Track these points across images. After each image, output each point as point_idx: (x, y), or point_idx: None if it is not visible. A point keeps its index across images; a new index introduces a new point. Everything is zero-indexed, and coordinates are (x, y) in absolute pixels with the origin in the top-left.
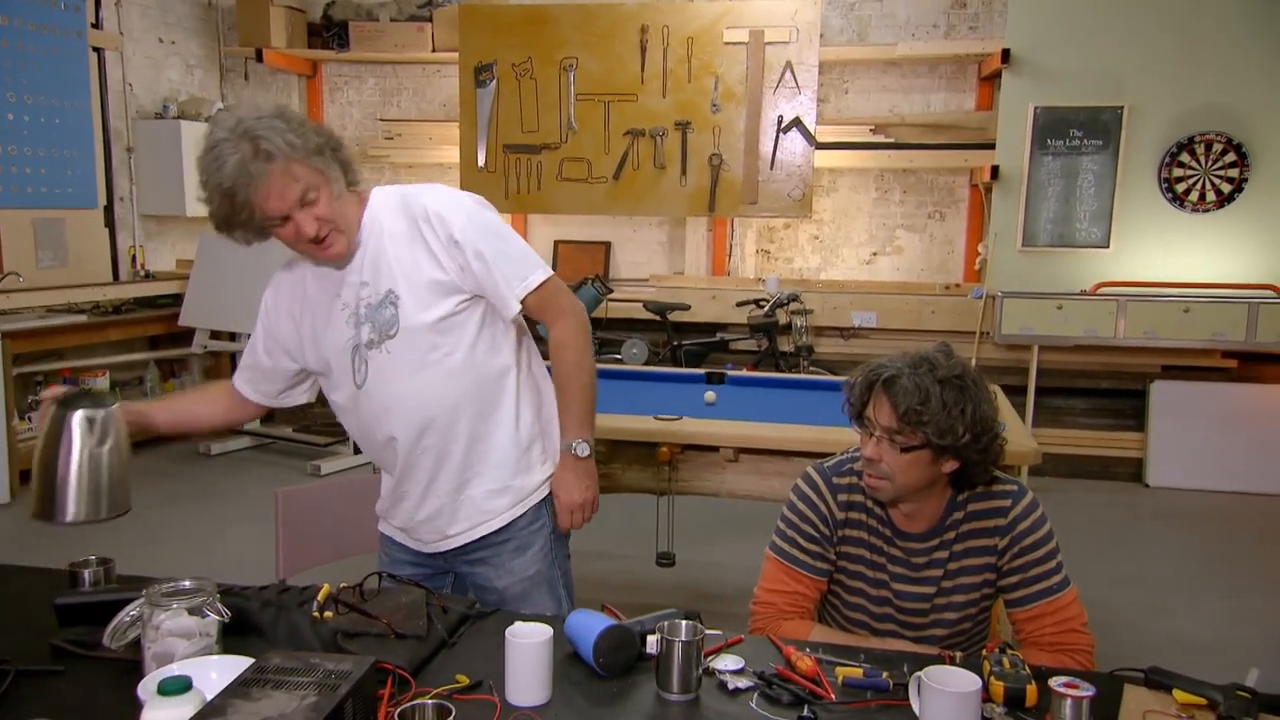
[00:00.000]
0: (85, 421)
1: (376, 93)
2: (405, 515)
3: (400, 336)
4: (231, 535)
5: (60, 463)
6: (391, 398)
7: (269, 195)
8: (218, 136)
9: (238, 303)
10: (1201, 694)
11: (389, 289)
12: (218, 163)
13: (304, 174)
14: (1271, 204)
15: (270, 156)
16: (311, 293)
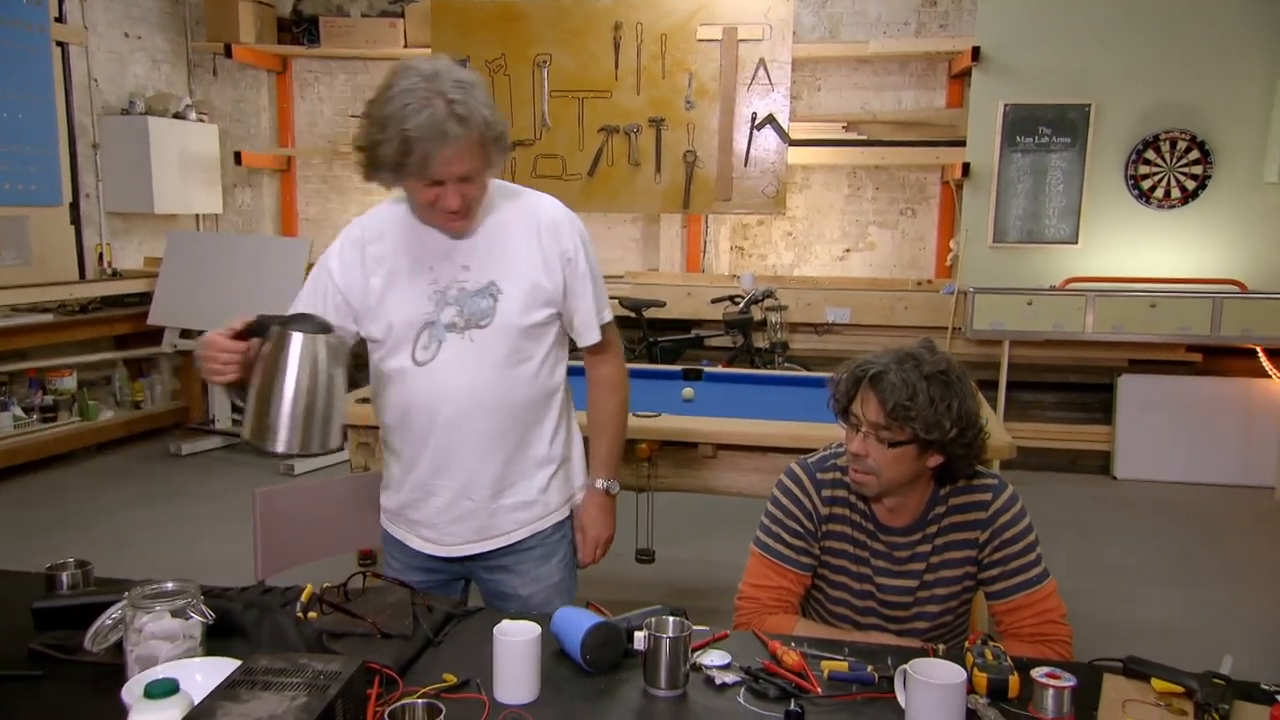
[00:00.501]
0: (326, 347)
1: (348, 89)
2: (433, 512)
3: (491, 330)
4: (205, 536)
5: (285, 387)
6: (458, 385)
7: (449, 159)
8: (412, 82)
9: (209, 301)
10: (1178, 682)
11: (491, 280)
12: (410, 107)
13: (481, 153)
14: (1233, 200)
15: (465, 123)
16: (399, 257)
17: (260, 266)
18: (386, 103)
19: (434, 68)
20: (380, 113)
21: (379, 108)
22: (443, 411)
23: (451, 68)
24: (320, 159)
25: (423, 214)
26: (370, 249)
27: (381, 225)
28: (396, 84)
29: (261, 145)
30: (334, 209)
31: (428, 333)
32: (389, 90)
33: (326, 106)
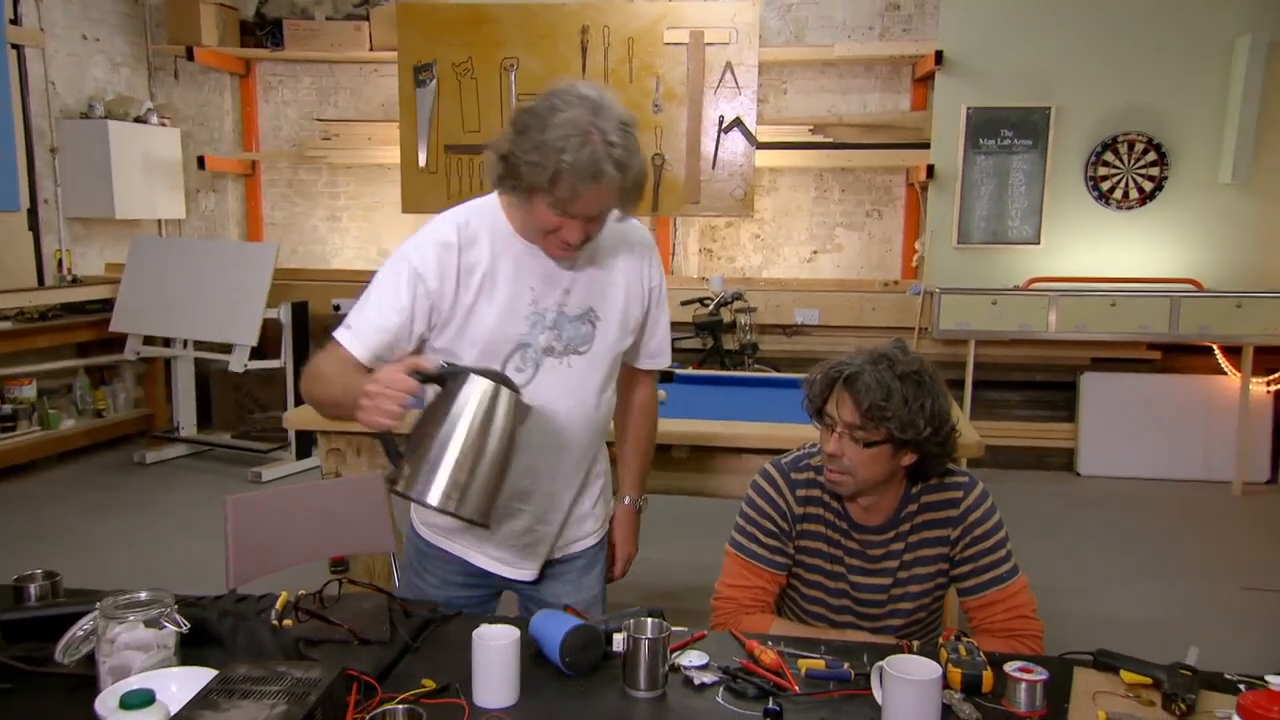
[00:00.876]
0: (518, 408)
1: (313, 92)
2: (506, 535)
3: (590, 356)
4: (171, 545)
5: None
6: (553, 410)
7: (591, 200)
8: (577, 114)
9: (172, 307)
10: (1147, 674)
11: (591, 307)
12: (571, 140)
13: (622, 198)
14: (1189, 201)
15: (622, 169)
16: (497, 270)
17: (226, 272)
18: (545, 127)
19: (599, 99)
20: (538, 136)
21: (536, 129)
22: (530, 437)
23: (615, 104)
24: (286, 163)
25: (532, 233)
26: (465, 256)
27: (475, 231)
28: (560, 109)
29: (225, 149)
30: (300, 213)
31: (520, 354)
32: (551, 114)
33: (291, 110)
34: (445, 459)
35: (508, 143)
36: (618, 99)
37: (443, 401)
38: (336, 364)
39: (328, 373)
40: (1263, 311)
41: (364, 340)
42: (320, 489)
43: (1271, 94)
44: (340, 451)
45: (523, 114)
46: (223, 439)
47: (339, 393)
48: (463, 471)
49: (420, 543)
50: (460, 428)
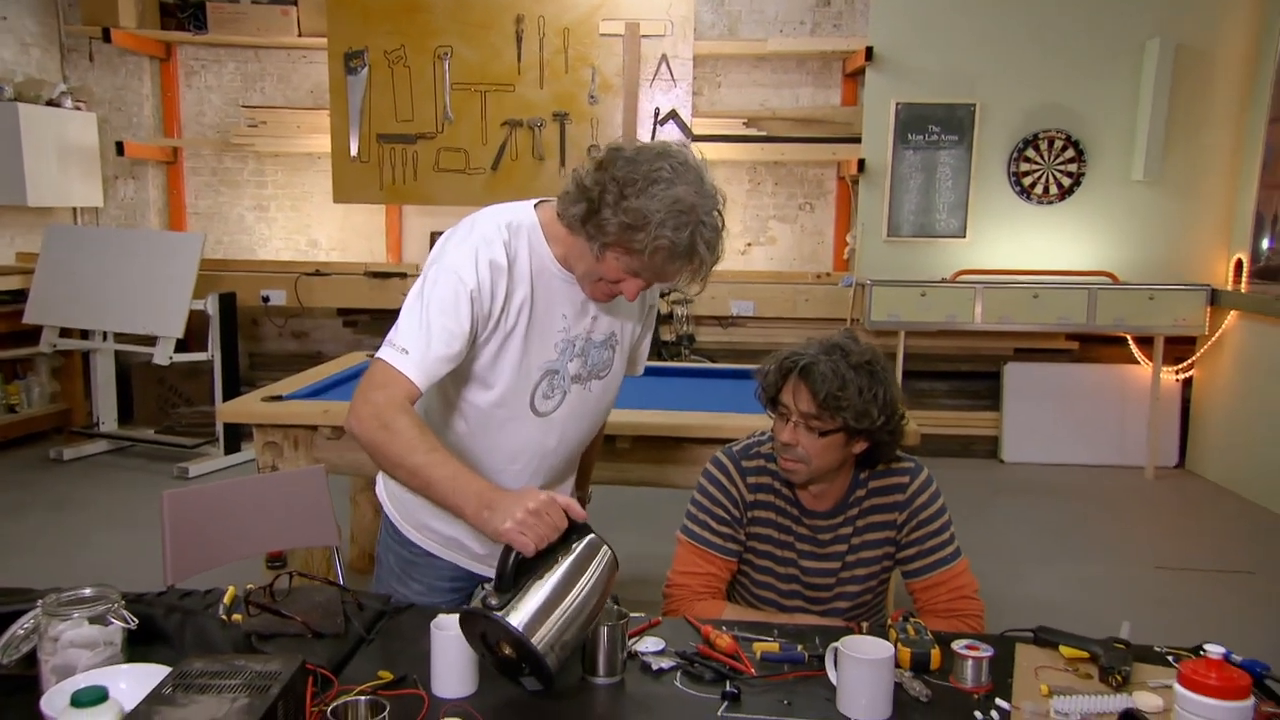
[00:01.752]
0: (610, 566)
1: (238, 78)
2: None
3: (608, 379)
4: (92, 544)
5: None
6: (571, 435)
7: (675, 272)
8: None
9: (91, 298)
10: (1084, 648)
11: (613, 332)
12: (679, 219)
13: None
14: (1105, 197)
15: (713, 251)
16: (541, 301)
17: (148, 262)
18: (650, 195)
19: (701, 171)
20: (640, 200)
21: (637, 191)
22: (548, 461)
23: (712, 184)
24: (210, 150)
25: (580, 270)
26: (510, 280)
27: (517, 251)
28: (668, 184)
29: (145, 135)
30: (225, 203)
31: (548, 381)
32: (654, 180)
33: (215, 96)
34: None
35: (598, 186)
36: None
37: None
38: (429, 436)
39: (419, 443)
40: (1172, 303)
41: (428, 371)
42: (257, 483)
43: (1179, 95)
44: (276, 445)
45: (624, 163)
46: (146, 434)
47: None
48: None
49: (406, 551)
50: (577, 582)
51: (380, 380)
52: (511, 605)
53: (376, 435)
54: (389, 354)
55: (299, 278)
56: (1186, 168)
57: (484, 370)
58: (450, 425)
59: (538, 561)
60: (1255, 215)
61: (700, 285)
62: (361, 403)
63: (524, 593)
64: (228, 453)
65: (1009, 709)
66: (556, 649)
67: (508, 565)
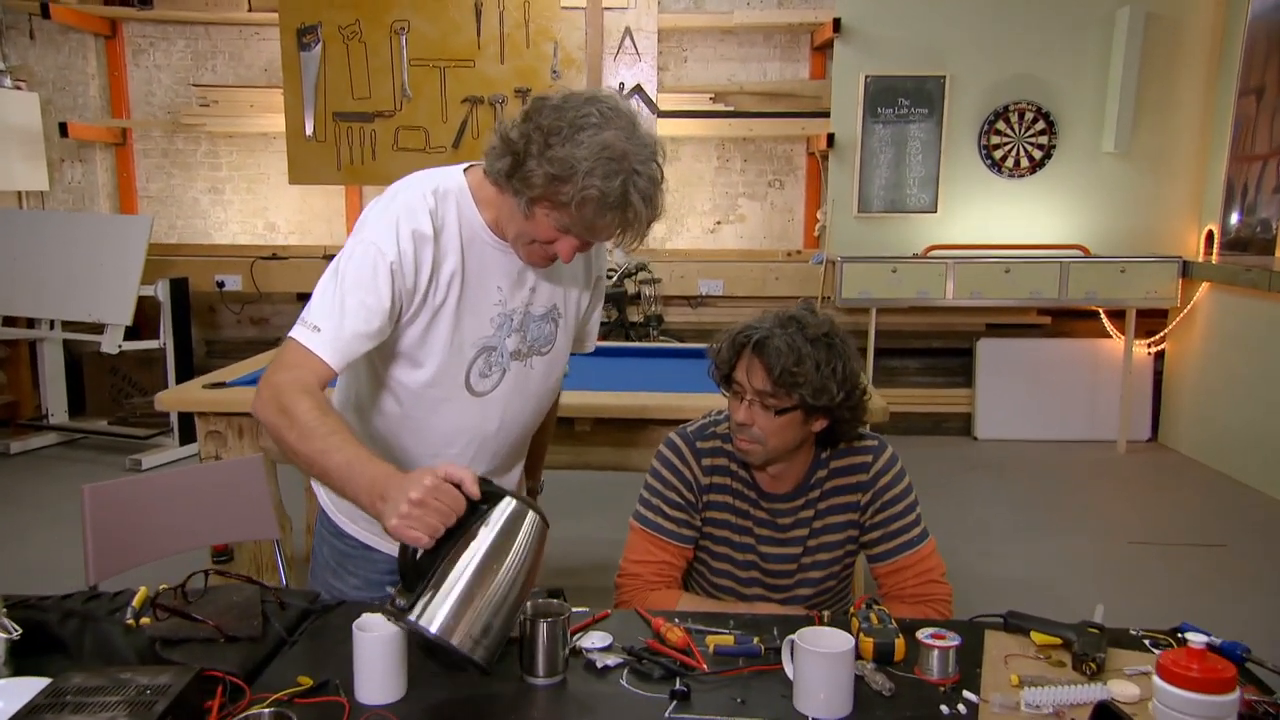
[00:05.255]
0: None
1: (188, 55)
2: None
3: (550, 355)
4: (36, 541)
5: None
6: (513, 414)
7: (607, 228)
8: (613, 137)
9: (36, 285)
10: (1056, 634)
11: (555, 305)
12: (607, 166)
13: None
14: (1075, 169)
15: (649, 203)
16: (469, 269)
17: (94, 247)
18: (577, 142)
19: (633, 119)
20: (566, 149)
21: (563, 139)
22: (488, 443)
23: (649, 129)
24: (160, 131)
25: (511, 234)
26: (438, 249)
27: (445, 216)
28: (592, 123)
29: (91, 116)
30: (178, 185)
31: (485, 358)
32: (581, 127)
33: (165, 75)
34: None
35: (524, 138)
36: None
37: (476, 526)
38: (330, 419)
39: (315, 427)
40: (1144, 276)
41: (342, 350)
42: (196, 473)
43: (1149, 65)
44: (220, 434)
45: (549, 111)
46: (97, 426)
47: (339, 467)
48: (482, 613)
49: (340, 542)
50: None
51: (289, 361)
52: (423, 603)
53: (275, 419)
54: (300, 332)
55: (255, 262)
56: (1157, 139)
57: (413, 348)
58: (381, 406)
59: (451, 543)
60: (1225, 186)
61: (636, 243)
62: (264, 384)
63: (435, 585)
64: (183, 443)
65: (977, 701)
66: (485, 641)
67: (406, 561)
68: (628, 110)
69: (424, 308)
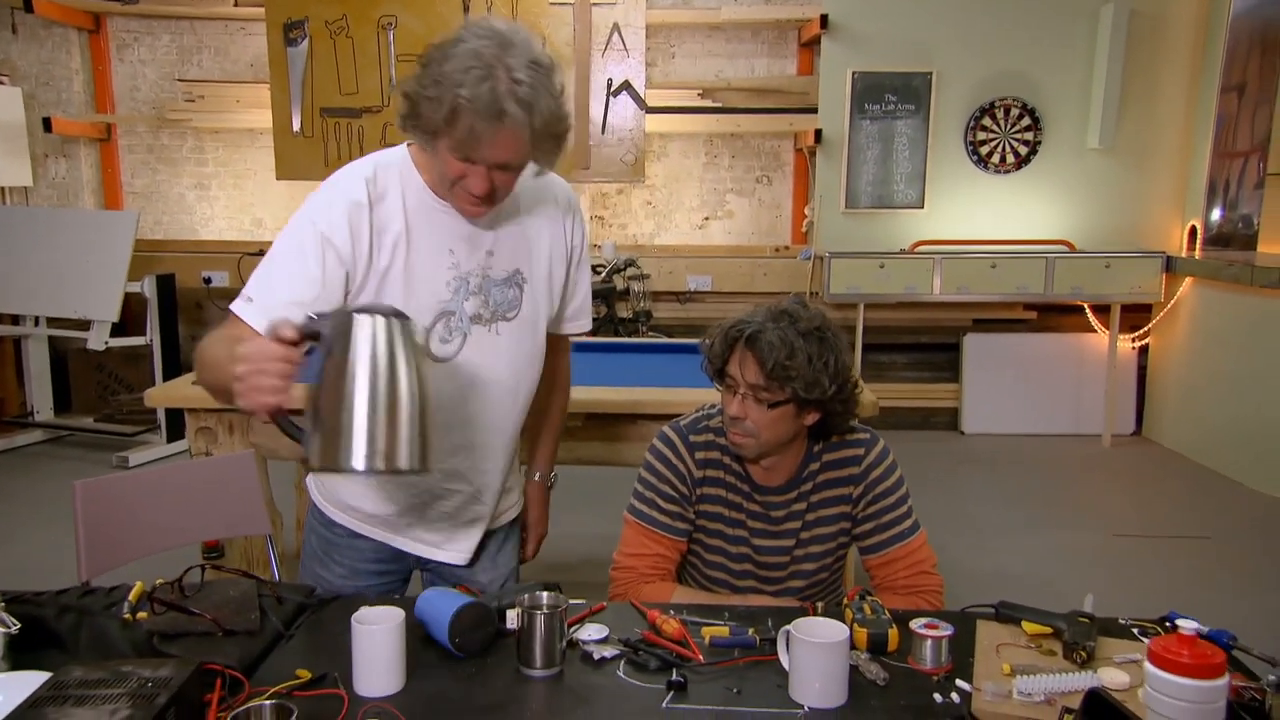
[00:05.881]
0: (405, 334)
1: (173, 50)
2: (437, 517)
3: (519, 322)
4: (24, 539)
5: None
6: (484, 382)
7: (495, 144)
8: (481, 45)
9: (21, 282)
10: (1047, 623)
11: (517, 269)
12: (471, 73)
13: (532, 146)
14: (1061, 164)
15: (527, 109)
16: (413, 230)
17: (79, 243)
18: (446, 59)
19: (511, 34)
20: (438, 68)
21: (437, 62)
22: (461, 414)
23: (530, 41)
24: (145, 127)
25: (441, 186)
26: (377, 214)
27: (385, 186)
28: (464, 40)
29: (76, 111)
30: (164, 180)
31: (444, 323)
32: (454, 45)
33: (149, 70)
34: (354, 417)
35: (410, 79)
36: (537, 40)
37: (329, 354)
38: (225, 345)
39: (214, 356)
40: (1128, 271)
41: (271, 316)
42: (186, 469)
43: (1133, 62)
44: (210, 430)
45: (429, 48)
46: (84, 423)
47: (225, 379)
48: (379, 423)
49: (328, 531)
50: (359, 375)
51: (221, 332)
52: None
53: (198, 374)
54: (236, 304)
55: (242, 258)
56: (1141, 135)
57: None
58: None
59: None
60: (1208, 182)
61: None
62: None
63: (313, 430)
64: (170, 440)
65: (970, 690)
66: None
67: (284, 428)
68: (504, 28)
69: (370, 273)
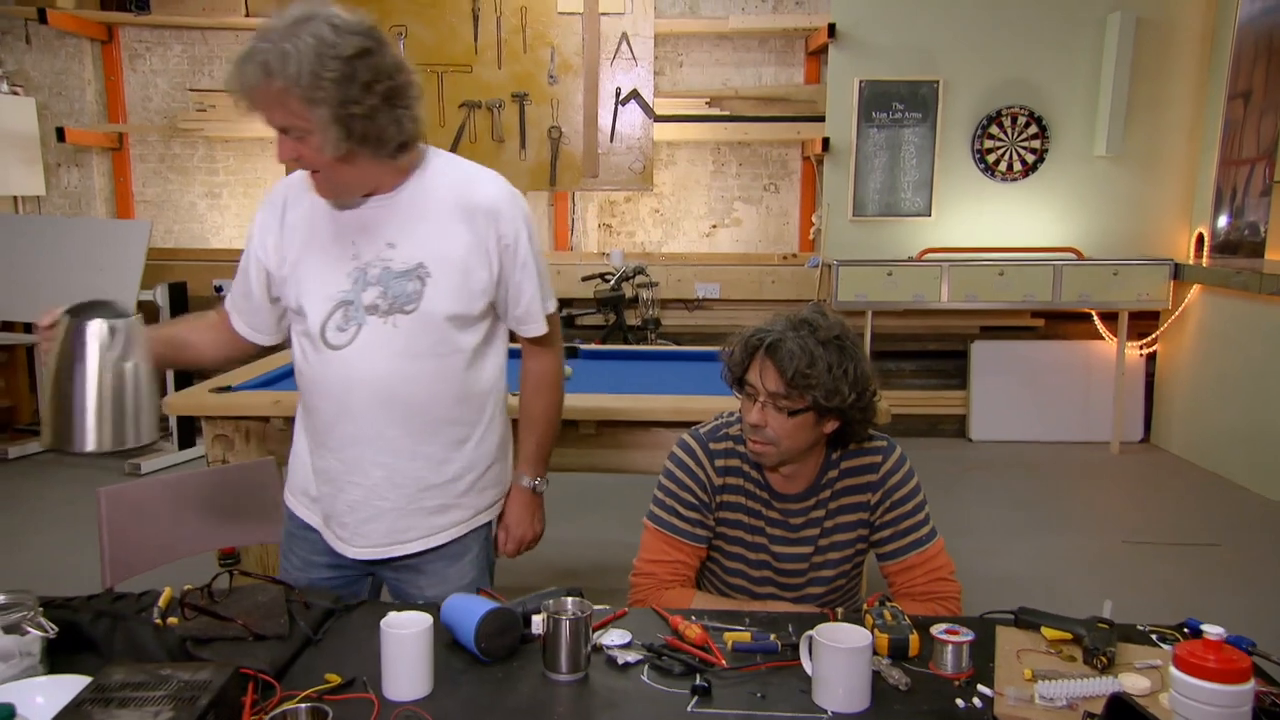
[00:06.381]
0: (106, 331)
1: (185, 61)
2: (344, 508)
3: (417, 316)
4: (36, 546)
5: (77, 380)
6: (377, 374)
7: (256, 105)
8: (270, 23)
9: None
10: (1067, 629)
11: (420, 262)
12: (249, 44)
13: (288, 108)
14: (1067, 172)
15: (266, 68)
16: (317, 224)
17: (94, 252)
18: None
19: (306, 10)
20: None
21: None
22: (354, 402)
23: (321, 16)
24: (157, 136)
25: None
26: (290, 214)
27: (303, 186)
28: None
29: (88, 121)
30: (175, 190)
31: (343, 313)
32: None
33: (161, 80)
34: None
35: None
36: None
37: (62, 349)
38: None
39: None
40: (1136, 278)
41: (233, 304)
42: (204, 477)
43: (1140, 69)
44: (227, 438)
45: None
46: None
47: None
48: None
49: (290, 524)
50: (65, 367)
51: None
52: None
53: None
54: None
55: None
56: (1148, 143)
57: (294, 302)
58: (298, 364)
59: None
60: (1215, 189)
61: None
62: None
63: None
64: (182, 448)
65: (992, 695)
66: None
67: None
68: (298, 11)
69: (285, 266)
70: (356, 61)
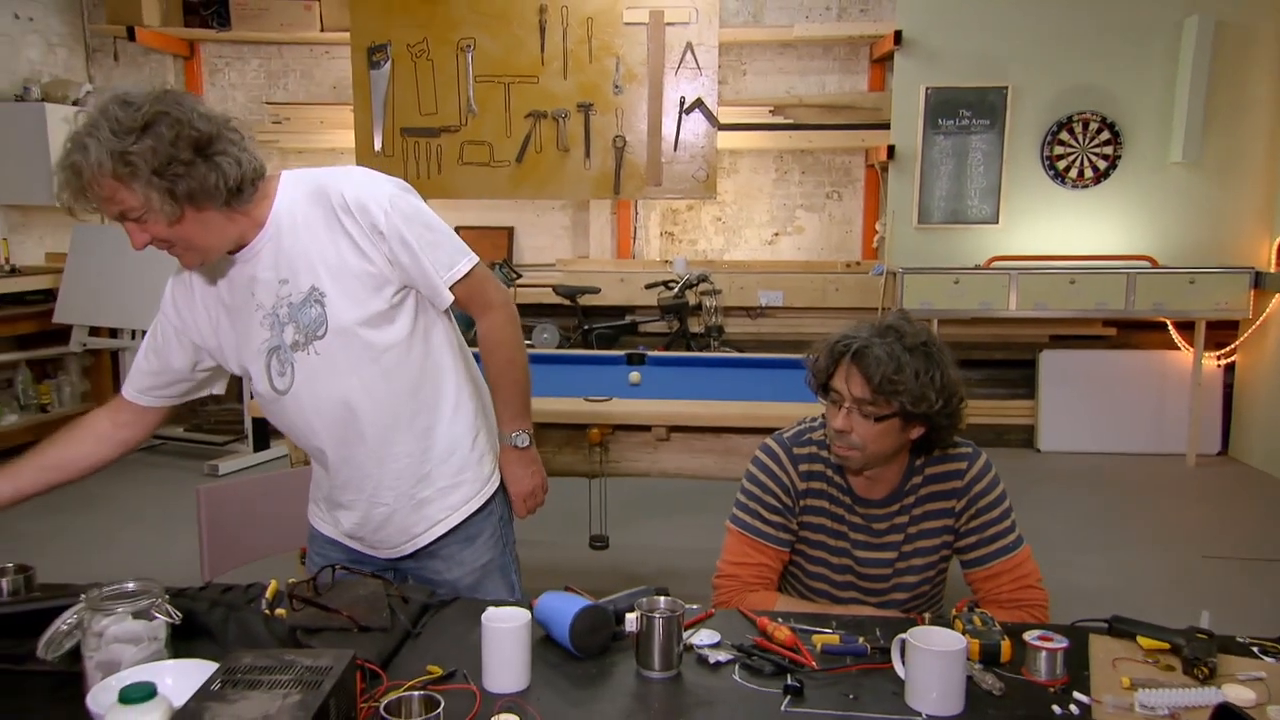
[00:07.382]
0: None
1: (261, 74)
2: (353, 524)
3: (330, 337)
4: (121, 542)
5: None
6: (323, 403)
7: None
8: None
9: (118, 297)
10: (1164, 639)
11: (312, 285)
12: (66, 145)
13: (119, 195)
14: (1141, 179)
15: (79, 171)
16: (224, 292)
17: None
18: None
19: (97, 101)
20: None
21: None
22: (319, 432)
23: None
24: None
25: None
26: (196, 281)
27: (188, 274)
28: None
29: None
30: None
31: (276, 359)
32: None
33: (239, 93)
34: None
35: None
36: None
37: None
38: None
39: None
40: (1213, 287)
41: (133, 381)
42: (288, 477)
43: (1218, 74)
44: None
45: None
46: (175, 432)
47: None
48: None
49: (310, 523)
50: None
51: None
52: None
53: None
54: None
55: None
56: (1227, 149)
57: (237, 367)
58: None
59: None
60: None
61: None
62: None
63: None
64: (257, 450)
65: (1089, 702)
66: None
67: None
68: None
69: (204, 332)
70: (153, 127)
